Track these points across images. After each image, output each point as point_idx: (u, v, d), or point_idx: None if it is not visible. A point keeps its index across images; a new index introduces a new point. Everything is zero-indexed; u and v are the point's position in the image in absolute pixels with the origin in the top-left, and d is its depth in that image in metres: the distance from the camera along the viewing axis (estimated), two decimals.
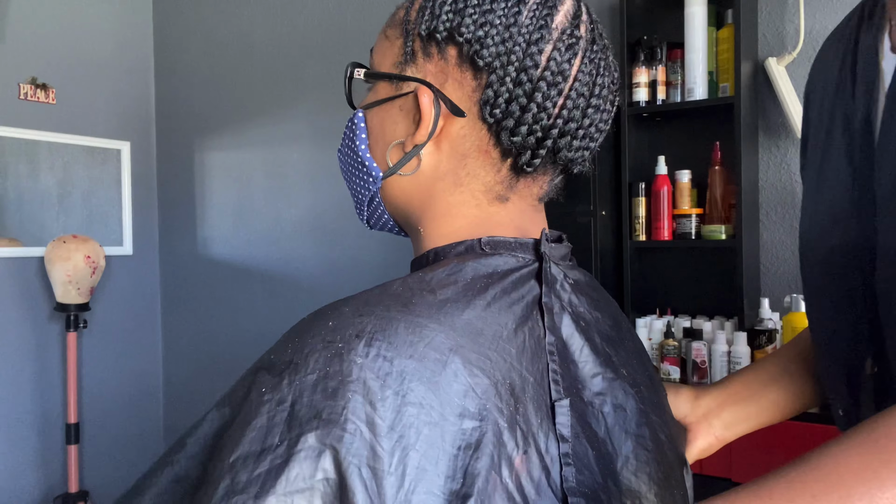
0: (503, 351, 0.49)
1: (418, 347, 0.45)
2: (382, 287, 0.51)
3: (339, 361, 0.44)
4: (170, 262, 3.29)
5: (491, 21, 0.53)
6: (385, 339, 0.45)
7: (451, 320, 0.48)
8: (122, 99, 3.19)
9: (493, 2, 0.54)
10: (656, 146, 2.09)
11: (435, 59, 0.55)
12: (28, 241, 2.85)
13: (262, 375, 0.45)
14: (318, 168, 2.83)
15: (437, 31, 0.54)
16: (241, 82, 3.04)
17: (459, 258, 0.54)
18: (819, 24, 1.94)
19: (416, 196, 0.58)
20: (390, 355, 0.44)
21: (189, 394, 3.23)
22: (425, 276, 0.51)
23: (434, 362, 0.45)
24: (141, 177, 3.25)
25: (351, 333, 0.45)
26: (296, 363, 0.44)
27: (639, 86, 1.97)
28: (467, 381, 0.46)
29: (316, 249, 2.84)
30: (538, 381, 0.50)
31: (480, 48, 0.53)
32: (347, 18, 2.77)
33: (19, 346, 2.81)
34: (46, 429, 2.89)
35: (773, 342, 1.76)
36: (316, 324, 0.47)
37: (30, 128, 2.84)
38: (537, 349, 0.51)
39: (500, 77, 0.53)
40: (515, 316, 0.51)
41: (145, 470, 0.48)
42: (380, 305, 0.48)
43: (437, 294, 0.49)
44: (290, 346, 0.46)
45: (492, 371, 0.47)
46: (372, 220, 0.64)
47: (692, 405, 0.74)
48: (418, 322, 0.47)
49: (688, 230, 1.93)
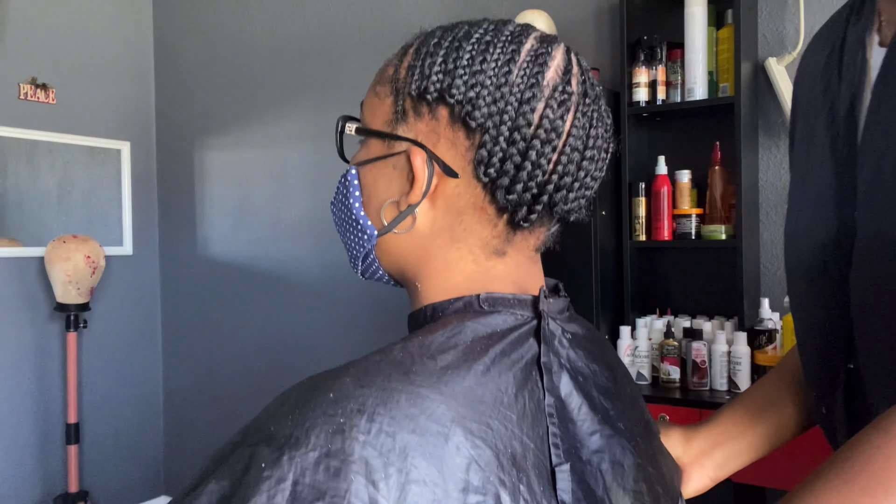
0: (504, 418, 0.49)
1: (420, 421, 0.45)
2: (383, 353, 0.50)
3: (340, 438, 0.43)
4: (170, 262, 3.29)
5: (482, 82, 0.53)
6: (387, 413, 0.45)
7: (452, 389, 0.48)
8: (122, 99, 3.19)
9: (482, 62, 0.53)
10: (656, 146, 2.09)
11: (426, 119, 0.55)
12: (28, 241, 2.85)
13: (262, 449, 0.44)
14: (318, 168, 2.83)
15: (428, 92, 0.54)
16: (241, 82, 3.04)
17: (458, 317, 0.54)
18: (819, 23, 1.94)
19: (412, 253, 0.58)
20: (392, 430, 0.44)
21: (189, 393, 3.23)
22: (425, 340, 0.51)
23: (436, 436, 0.45)
24: (141, 177, 3.25)
25: (353, 408, 0.45)
26: (296, 437, 0.44)
27: (639, 86, 1.96)
28: (470, 453, 0.46)
29: (316, 249, 2.84)
30: (538, 447, 0.50)
31: (472, 109, 0.53)
32: (347, 18, 2.77)
33: (19, 346, 2.81)
34: (46, 429, 2.89)
35: (773, 342, 1.76)
36: (317, 395, 0.46)
37: (30, 128, 2.84)
38: (537, 412, 0.51)
39: (493, 137, 0.53)
40: (515, 379, 0.51)
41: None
42: (380, 375, 0.47)
43: (438, 360, 0.49)
44: (290, 417, 0.45)
45: (494, 441, 0.47)
46: (367, 274, 0.64)
47: (684, 448, 0.74)
48: (419, 393, 0.47)
49: (688, 230, 1.93)
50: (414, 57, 0.56)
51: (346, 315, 2.77)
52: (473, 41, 0.54)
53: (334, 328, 2.81)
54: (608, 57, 2.23)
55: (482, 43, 0.54)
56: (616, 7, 2.18)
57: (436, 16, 2.56)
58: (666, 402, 1.77)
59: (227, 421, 3.09)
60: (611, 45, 2.22)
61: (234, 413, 3.07)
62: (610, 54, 2.23)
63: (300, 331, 2.90)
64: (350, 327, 2.76)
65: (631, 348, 1.93)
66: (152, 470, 3.27)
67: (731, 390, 1.80)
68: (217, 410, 3.13)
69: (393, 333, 2.65)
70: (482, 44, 0.54)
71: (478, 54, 0.53)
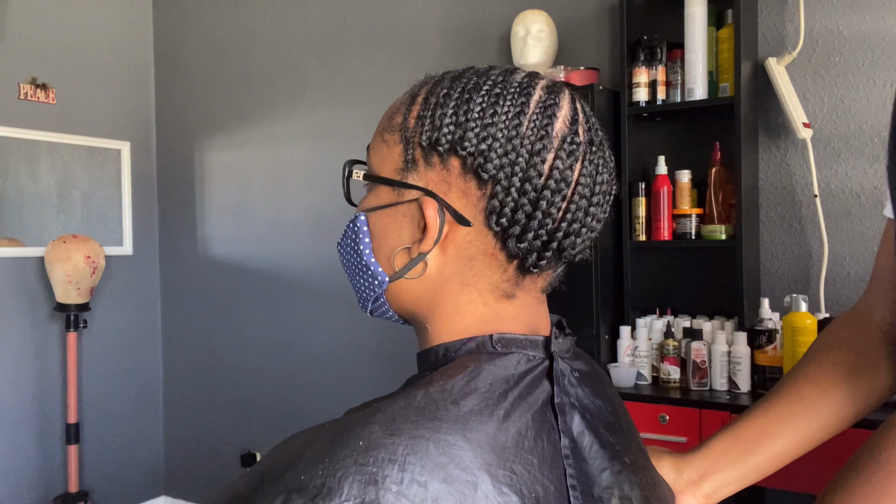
0: (527, 462, 0.51)
1: (449, 469, 0.46)
2: (405, 398, 0.51)
3: (374, 489, 0.44)
4: (170, 262, 3.29)
5: (493, 134, 0.54)
6: (417, 462, 0.46)
7: (478, 436, 0.49)
8: (122, 99, 3.19)
9: (493, 115, 0.54)
10: (656, 146, 2.09)
11: (437, 169, 0.56)
12: (28, 241, 2.85)
13: (294, 498, 0.44)
14: (318, 168, 2.83)
15: (440, 144, 0.55)
16: (241, 82, 3.04)
17: (473, 358, 0.55)
18: (819, 24, 1.94)
19: (422, 296, 0.59)
20: (423, 479, 0.45)
21: (189, 394, 3.23)
22: (446, 385, 0.52)
23: (465, 484, 0.46)
24: (141, 177, 3.25)
25: (384, 457, 0.46)
26: (329, 487, 0.44)
27: (639, 86, 1.96)
28: (497, 501, 0.47)
29: (316, 249, 2.84)
30: (557, 489, 0.52)
31: (484, 161, 0.54)
32: (347, 18, 2.77)
33: (19, 346, 2.81)
34: (46, 429, 2.89)
35: (773, 342, 1.76)
36: (346, 443, 0.47)
37: (30, 128, 2.84)
38: (554, 453, 0.53)
39: (505, 188, 0.54)
40: (534, 421, 0.53)
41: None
42: (408, 423, 0.48)
43: (461, 406, 0.51)
44: (319, 466, 0.46)
45: (519, 486, 0.49)
46: (376, 313, 0.65)
47: (675, 477, 0.74)
48: (447, 441, 0.48)
49: (688, 230, 1.93)
50: (423, 106, 0.57)
51: (345, 315, 2.77)
52: (483, 93, 0.56)
53: (334, 328, 2.81)
54: (608, 57, 2.23)
55: (492, 95, 0.55)
56: (616, 7, 2.18)
57: (436, 16, 2.56)
58: (666, 402, 1.77)
59: (226, 421, 3.09)
60: (611, 45, 2.22)
61: (234, 413, 3.07)
62: (610, 54, 2.23)
63: (300, 330, 2.90)
64: (350, 327, 2.76)
65: (631, 348, 1.93)
66: (152, 470, 3.27)
67: (731, 390, 1.80)
68: (217, 410, 3.13)
69: (392, 333, 2.65)
70: (492, 96, 0.55)
71: (488, 107, 0.55)
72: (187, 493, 3.24)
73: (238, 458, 3.03)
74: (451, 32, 2.53)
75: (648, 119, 2.07)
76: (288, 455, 0.49)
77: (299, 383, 2.90)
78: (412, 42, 2.59)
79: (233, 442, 3.06)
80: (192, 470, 3.22)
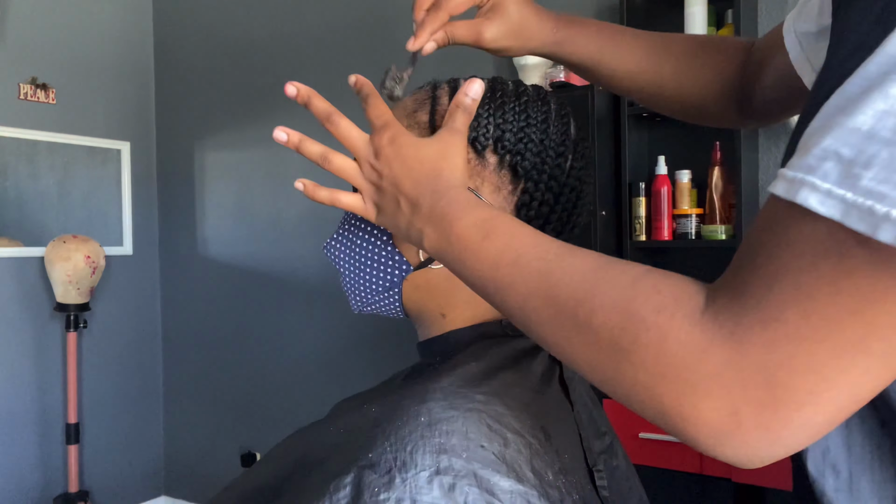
0: (557, 428, 0.56)
1: (504, 434, 0.51)
2: (435, 381, 0.55)
3: (446, 457, 0.47)
4: (170, 262, 3.29)
5: (529, 135, 0.60)
6: (478, 431, 0.49)
7: (517, 404, 0.54)
8: (122, 99, 3.19)
9: (527, 117, 0.60)
10: (656, 146, 2.10)
11: (472, 164, 0.60)
12: (28, 241, 2.85)
13: (369, 475, 0.46)
14: (318, 168, 2.82)
15: (478, 141, 0.59)
16: (241, 82, 3.04)
17: (491, 342, 0.60)
18: None
19: (441, 284, 0.63)
20: (485, 443, 0.49)
21: (189, 394, 3.23)
22: (468, 372, 0.56)
23: (519, 444, 0.51)
24: (141, 177, 3.25)
25: (447, 429, 0.49)
26: (403, 461, 0.47)
27: None
28: (545, 458, 0.53)
29: (316, 249, 2.84)
30: (574, 454, 0.57)
31: (521, 159, 0.59)
32: (348, 18, 2.77)
33: (19, 346, 2.81)
34: (46, 429, 2.89)
35: None
36: (406, 420, 0.50)
37: (30, 128, 2.84)
38: (568, 421, 0.59)
39: (535, 184, 0.60)
40: (554, 392, 0.60)
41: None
42: (458, 398, 0.52)
43: (492, 382, 0.55)
44: (386, 444, 0.48)
45: (556, 446, 0.55)
46: (373, 306, 0.67)
47: (536, 21, 0.73)
48: (496, 411, 0.52)
49: (688, 230, 1.93)
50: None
51: (345, 314, 2.77)
52: (514, 97, 0.61)
53: (334, 327, 2.81)
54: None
55: (521, 102, 0.61)
56: (616, 7, 2.18)
57: None
58: None
59: (226, 421, 3.09)
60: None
61: (234, 413, 3.07)
62: None
63: (300, 330, 2.90)
64: (349, 327, 2.76)
65: None
66: (152, 470, 3.27)
67: None
68: (217, 410, 3.13)
69: (392, 333, 2.65)
70: (521, 102, 0.61)
71: (521, 111, 0.60)
72: (187, 493, 3.24)
73: (238, 457, 3.03)
74: None
75: (648, 119, 2.07)
76: (322, 441, 0.52)
77: (299, 383, 2.90)
78: None
79: (233, 442, 3.06)
80: (192, 470, 3.22)
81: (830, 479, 0.46)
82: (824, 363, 0.33)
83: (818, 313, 0.33)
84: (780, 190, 0.34)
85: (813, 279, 0.33)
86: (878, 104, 0.30)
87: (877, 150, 0.30)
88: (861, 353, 0.32)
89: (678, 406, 0.36)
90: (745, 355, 0.34)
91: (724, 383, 0.35)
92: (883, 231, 0.30)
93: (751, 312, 0.35)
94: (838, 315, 0.32)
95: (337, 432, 0.52)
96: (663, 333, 0.37)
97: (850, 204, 0.31)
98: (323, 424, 0.58)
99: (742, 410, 0.34)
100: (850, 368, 0.33)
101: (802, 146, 0.34)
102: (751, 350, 0.34)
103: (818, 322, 0.33)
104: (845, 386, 0.33)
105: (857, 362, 0.33)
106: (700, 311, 0.37)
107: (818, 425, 0.34)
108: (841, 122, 0.32)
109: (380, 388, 0.67)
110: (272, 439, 2.93)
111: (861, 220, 0.30)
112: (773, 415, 0.34)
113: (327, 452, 0.50)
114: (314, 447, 0.52)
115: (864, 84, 0.32)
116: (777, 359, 0.34)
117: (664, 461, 1.73)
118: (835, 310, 0.32)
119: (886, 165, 0.30)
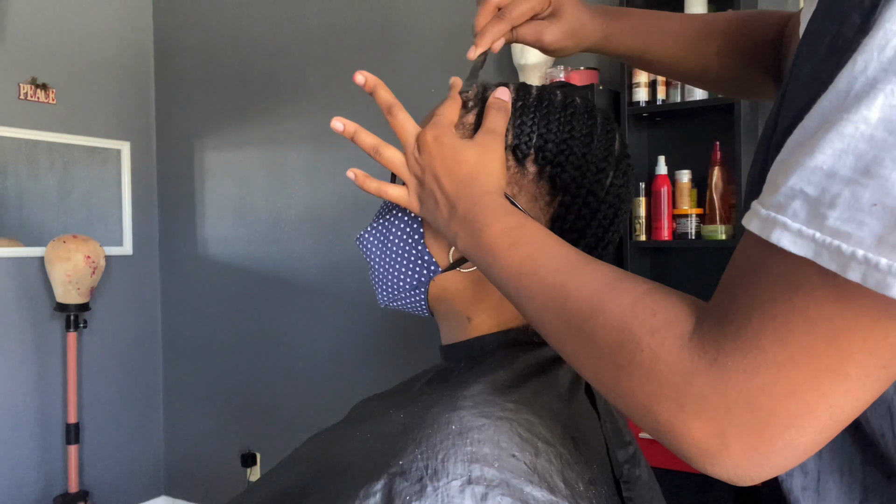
0: (585, 435, 0.56)
1: (535, 443, 0.50)
2: (465, 388, 0.54)
3: (478, 466, 0.46)
4: (170, 262, 3.29)
5: (571, 148, 0.59)
6: (509, 440, 0.49)
7: (548, 413, 0.54)
8: (122, 99, 3.19)
9: (571, 129, 0.59)
10: (656, 146, 2.10)
11: (511, 172, 0.59)
12: (28, 241, 2.85)
13: (400, 483, 0.46)
14: (318, 167, 2.83)
15: (519, 149, 0.59)
16: (241, 82, 3.04)
17: (518, 349, 0.60)
18: None
19: (469, 288, 0.63)
20: (517, 453, 0.48)
21: (189, 393, 3.23)
22: (497, 377, 0.56)
23: (549, 453, 0.51)
24: (141, 177, 3.25)
25: (478, 438, 0.48)
26: (435, 469, 0.46)
27: (639, 85, 1.97)
28: (575, 469, 0.52)
29: (316, 249, 2.84)
30: (601, 465, 0.57)
31: (561, 171, 0.59)
32: (348, 18, 2.77)
33: (19, 346, 2.81)
34: (46, 429, 2.89)
35: None
36: (437, 428, 0.49)
37: (30, 128, 2.84)
38: (595, 430, 0.59)
39: (572, 197, 0.59)
40: (581, 400, 0.59)
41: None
42: (488, 406, 0.52)
43: (521, 391, 0.55)
44: (417, 451, 0.48)
45: (587, 455, 0.54)
46: (398, 302, 0.67)
47: (590, 19, 0.77)
48: (527, 419, 0.52)
49: (688, 230, 1.93)
50: None
51: (345, 314, 2.77)
52: (559, 108, 0.60)
53: (334, 327, 2.81)
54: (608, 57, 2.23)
55: (567, 114, 0.60)
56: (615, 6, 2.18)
57: (437, 16, 2.56)
58: None
59: (226, 421, 3.09)
60: None
61: (234, 413, 3.07)
62: None
63: (300, 330, 2.90)
64: (350, 327, 2.76)
65: None
66: (152, 470, 3.27)
67: None
68: (217, 410, 3.13)
69: (392, 333, 2.65)
70: (567, 114, 0.60)
71: (565, 122, 0.59)
72: (187, 493, 3.24)
73: (238, 457, 3.03)
74: (451, 32, 2.53)
75: (648, 119, 2.07)
76: (348, 446, 0.51)
77: (299, 383, 2.90)
78: (412, 42, 2.59)
79: (233, 442, 3.06)
80: (192, 470, 3.22)
81: (798, 478, 0.47)
82: (804, 388, 0.34)
83: (795, 342, 0.34)
84: (754, 227, 0.36)
85: (787, 310, 0.34)
86: (835, 143, 0.32)
87: (839, 190, 0.31)
88: (838, 377, 0.34)
89: (670, 425, 0.38)
90: (728, 380, 0.36)
91: (710, 406, 0.37)
92: (851, 271, 0.31)
93: (731, 341, 0.36)
94: (814, 343, 0.34)
95: (363, 437, 0.52)
96: (655, 356, 0.39)
97: (819, 244, 0.32)
98: (346, 428, 0.58)
99: (728, 432, 0.36)
100: (828, 392, 0.34)
101: (771, 181, 0.36)
102: (733, 376, 0.36)
103: (795, 350, 0.34)
104: (825, 409, 0.35)
105: (835, 386, 0.34)
106: (689, 336, 0.39)
107: (803, 445, 0.36)
108: (803, 161, 0.33)
109: (402, 389, 0.67)
110: (272, 439, 2.93)
111: (832, 259, 0.32)
112: (758, 437, 0.36)
113: (354, 457, 0.50)
114: (339, 451, 0.52)
115: (820, 120, 0.33)
116: (759, 384, 0.35)
117: (665, 461, 1.73)
118: (810, 339, 0.34)
119: (849, 205, 0.31)
